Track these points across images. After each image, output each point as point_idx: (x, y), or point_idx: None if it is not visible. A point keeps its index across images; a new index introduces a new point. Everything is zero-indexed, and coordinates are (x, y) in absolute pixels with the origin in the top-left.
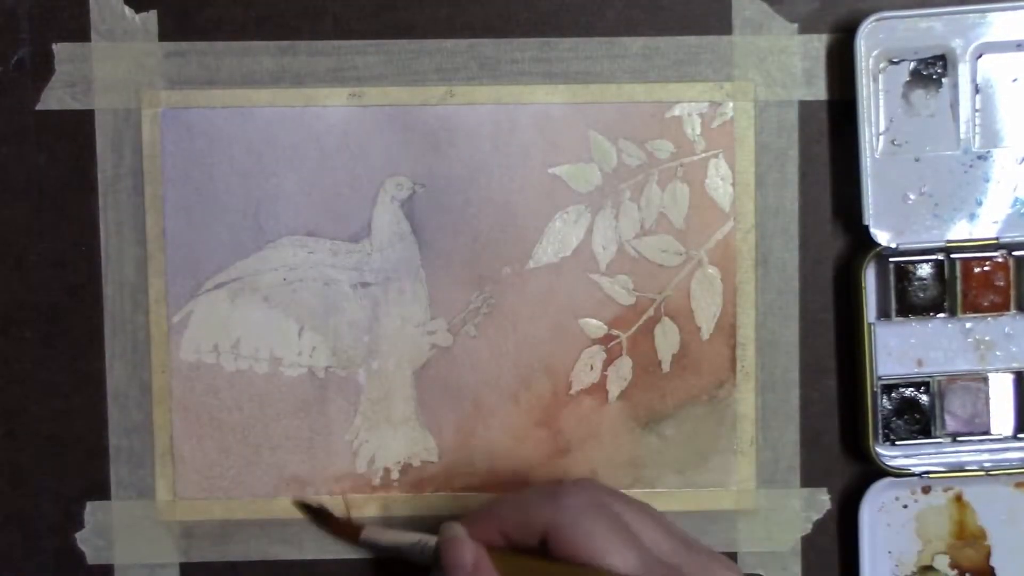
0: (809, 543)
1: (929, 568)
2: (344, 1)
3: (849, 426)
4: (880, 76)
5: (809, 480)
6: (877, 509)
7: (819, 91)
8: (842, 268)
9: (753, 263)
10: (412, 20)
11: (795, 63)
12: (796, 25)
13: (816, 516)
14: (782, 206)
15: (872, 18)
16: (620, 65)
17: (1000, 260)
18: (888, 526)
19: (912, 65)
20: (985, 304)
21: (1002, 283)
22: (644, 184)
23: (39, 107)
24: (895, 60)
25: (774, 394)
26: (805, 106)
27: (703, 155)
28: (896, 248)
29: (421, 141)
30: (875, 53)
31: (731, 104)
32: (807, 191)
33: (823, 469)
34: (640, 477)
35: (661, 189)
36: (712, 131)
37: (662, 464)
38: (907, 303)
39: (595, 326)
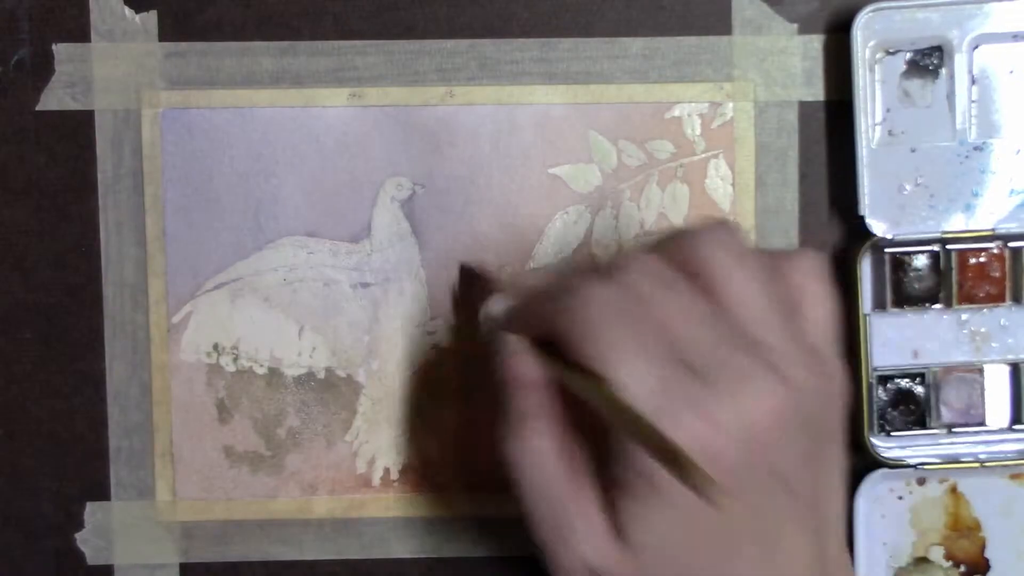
0: None
1: (924, 560)
2: (344, 1)
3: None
4: (877, 67)
5: None
6: (872, 501)
7: (818, 91)
8: (838, 260)
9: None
10: (412, 20)
11: (795, 63)
12: (796, 25)
13: None
14: (782, 206)
15: (869, 8)
16: (620, 65)
17: (996, 251)
18: (883, 517)
19: (909, 56)
20: (981, 295)
21: (998, 274)
22: (644, 184)
23: (39, 107)
24: (892, 51)
25: None
26: (805, 106)
27: (703, 155)
28: (892, 239)
29: (421, 141)
30: (872, 43)
31: (731, 104)
32: (807, 191)
33: None
34: None
35: (661, 189)
36: (712, 131)
37: None
38: (903, 294)
39: None
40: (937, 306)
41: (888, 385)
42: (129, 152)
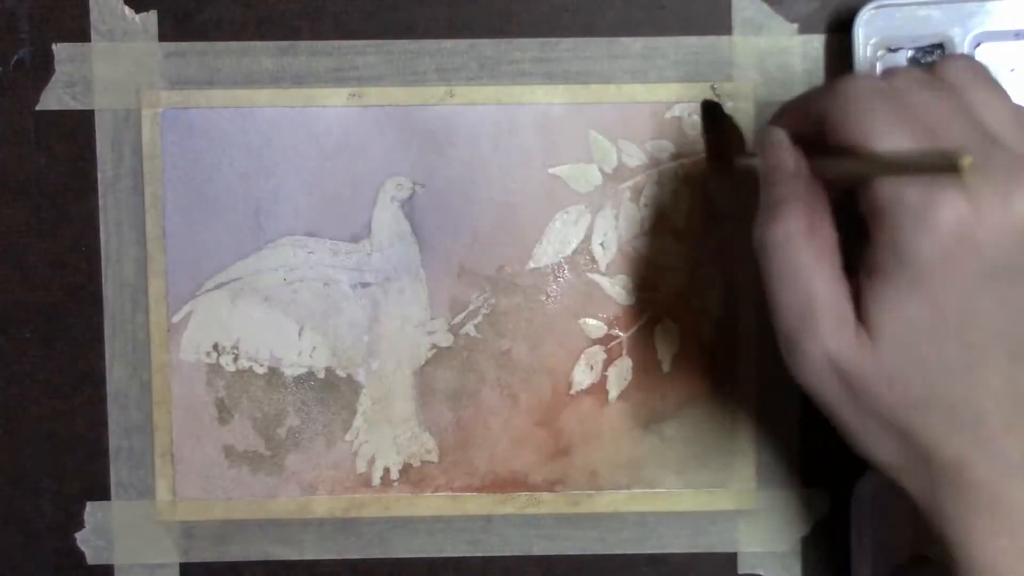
0: (809, 543)
1: (923, 558)
2: (344, 1)
3: None
4: (878, 64)
5: (809, 480)
6: (870, 498)
7: None
8: None
9: (753, 263)
10: (412, 20)
11: (795, 63)
12: (796, 25)
13: (816, 516)
14: None
15: (871, 6)
16: (620, 65)
17: None
18: (881, 515)
19: (910, 53)
20: None
21: None
22: (644, 184)
23: (39, 107)
24: (893, 48)
25: (774, 394)
26: None
27: (703, 155)
28: None
29: (421, 141)
30: (873, 41)
31: (731, 104)
32: None
33: (822, 468)
34: (640, 477)
35: (661, 189)
36: None
37: (662, 464)
38: None
39: (595, 326)
40: None
41: None
42: (129, 152)
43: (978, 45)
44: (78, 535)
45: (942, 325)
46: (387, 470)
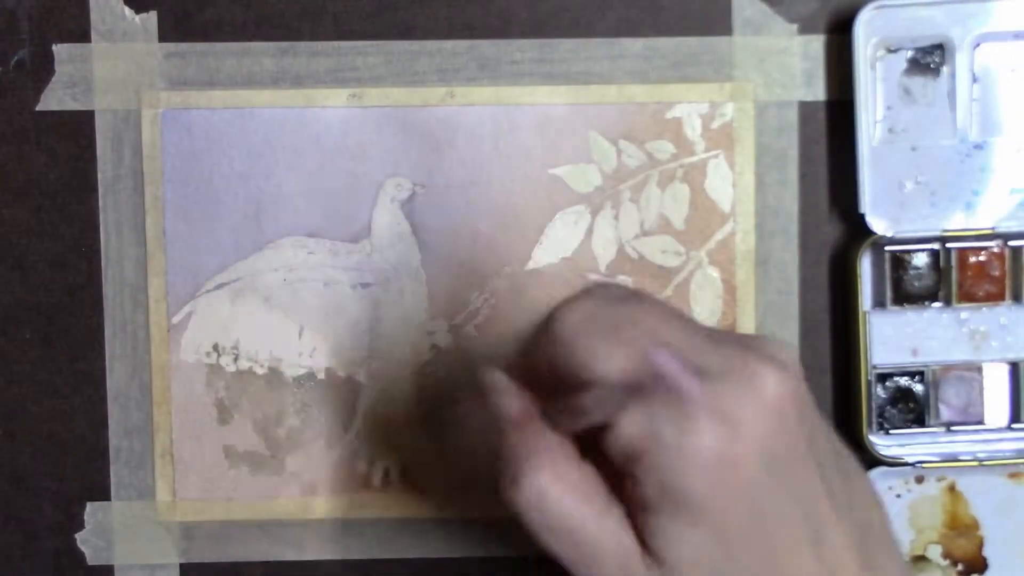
0: None
1: (922, 558)
2: (344, 1)
3: (844, 416)
4: (878, 64)
5: None
6: None
7: (819, 91)
8: (838, 259)
9: (753, 263)
10: (412, 20)
11: (795, 63)
12: (796, 26)
13: None
14: (782, 206)
15: (871, 6)
16: (620, 66)
17: (996, 250)
18: None
19: (910, 54)
20: (980, 294)
21: (997, 273)
22: (644, 185)
23: (39, 107)
24: (893, 49)
25: None
26: (805, 106)
27: (703, 156)
28: (892, 237)
29: (421, 141)
30: (873, 41)
31: (731, 104)
32: (807, 191)
33: None
34: None
35: (661, 190)
36: (712, 132)
37: None
38: (902, 292)
39: None
40: (937, 304)
41: (887, 383)
42: (129, 152)
43: (978, 45)
44: (78, 535)
45: (732, 543)
46: (387, 470)
